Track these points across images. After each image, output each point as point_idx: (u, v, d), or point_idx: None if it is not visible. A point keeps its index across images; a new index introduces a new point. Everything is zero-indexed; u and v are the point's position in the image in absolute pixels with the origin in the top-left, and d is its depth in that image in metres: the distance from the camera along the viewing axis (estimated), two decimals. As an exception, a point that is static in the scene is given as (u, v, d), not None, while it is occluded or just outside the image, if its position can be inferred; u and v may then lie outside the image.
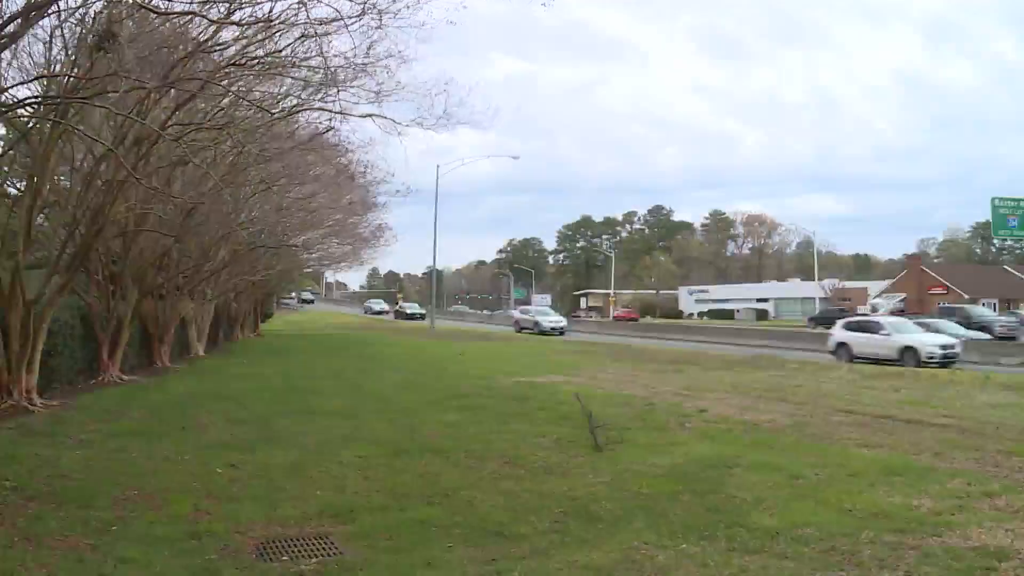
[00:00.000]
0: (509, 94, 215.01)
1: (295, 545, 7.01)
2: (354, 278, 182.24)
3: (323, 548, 6.96)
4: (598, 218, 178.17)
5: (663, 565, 6.47)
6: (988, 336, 37.97)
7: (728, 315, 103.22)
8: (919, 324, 33.38)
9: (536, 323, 56.18)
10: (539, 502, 8.46)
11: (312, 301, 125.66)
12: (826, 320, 59.19)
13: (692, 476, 9.57)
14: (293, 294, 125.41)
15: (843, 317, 38.15)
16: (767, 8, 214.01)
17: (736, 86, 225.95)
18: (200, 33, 13.94)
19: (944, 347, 28.56)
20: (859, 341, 30.16)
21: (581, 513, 8.01)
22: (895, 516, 7.73)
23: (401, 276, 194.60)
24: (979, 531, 7.26)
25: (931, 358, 27.45)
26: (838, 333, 31.52)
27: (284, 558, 6.69)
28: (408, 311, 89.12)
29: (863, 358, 28.99)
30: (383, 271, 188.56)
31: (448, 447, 11.47)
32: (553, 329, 54.55)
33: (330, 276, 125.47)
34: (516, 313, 64.16)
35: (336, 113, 15.93)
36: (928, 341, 29.03)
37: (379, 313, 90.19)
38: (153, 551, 6.66)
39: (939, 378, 21.38)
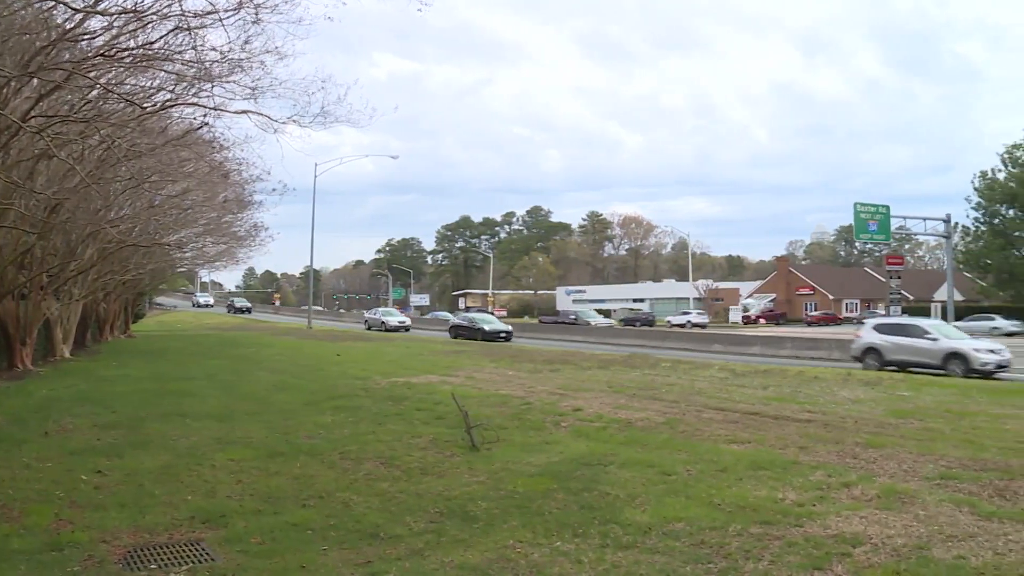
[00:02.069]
0: (395, 93, 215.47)
1: (164, 552, 6.85)
2: (230, 278, 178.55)
3: (194, 554, 6.81)
4: (477, 218, 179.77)
5: (537, 563, 6.57)
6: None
7: (605, 315, 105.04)
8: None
9: (968, 359, 24.75)
10: (415, 503, 8.47)
11: (249, 309, 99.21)
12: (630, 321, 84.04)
13: (567, 474, 9.73)
14: (202, 296, 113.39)
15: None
16: (651, 15, 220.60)
17: (619, 90, 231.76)
18: (66, 20, 13.40)
19: None
20: None
21: (457, 513, 8.06)
22: (761, 509, 8.06)
23: (279, 276, 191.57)
24: (837, 520, 7.66)
25: None
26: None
27: (152, 566, 6.52)
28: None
29: None
30: (260, 271, 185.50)
31: (323, 448, 11.38)
32: (994, 365, 24.94)
33: (205, 275, 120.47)
34: (871, 335, 28.64)
35: (211, 109, 15.55)
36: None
37: (397, 328, 58.76)
38: (8, 566, 6.40)
39: (805, 375, 22.27)
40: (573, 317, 73.20)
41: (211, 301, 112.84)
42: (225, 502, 8.48)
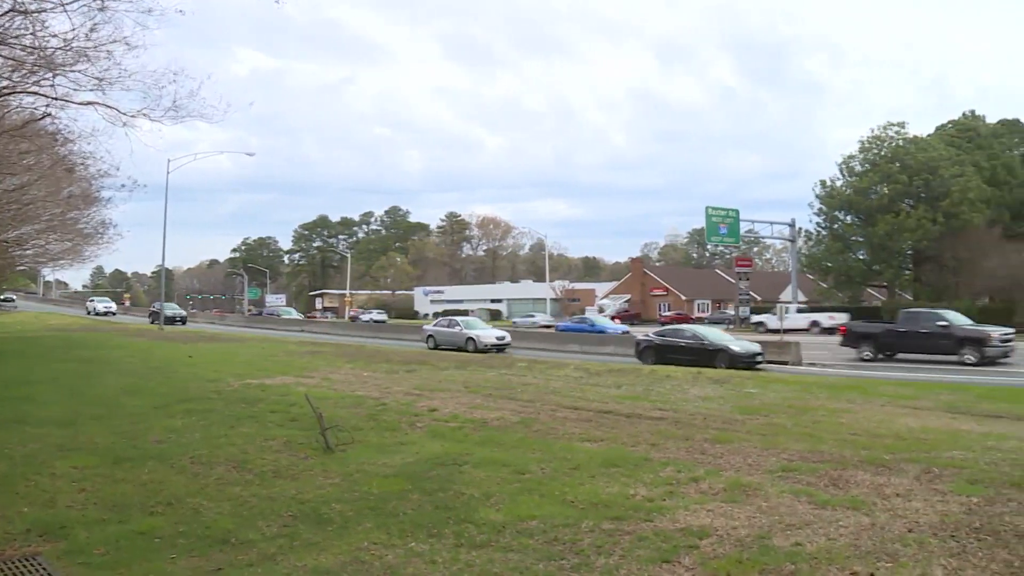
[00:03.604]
0: (256, 90, 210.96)
1: (-4, 569, 6.54)
2: (76, 276, 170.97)
3: (30, 570, 6.54)
4: (335, 218, 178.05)
5: (392, 564, 6.59)
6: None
7: (462, 316, 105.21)
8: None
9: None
10: (268, 507, 8.36)
11: (184, 319, 68.64)
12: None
13: (422, 475, 9.79)
14: (100, 302, 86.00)
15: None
16: (515, 18, 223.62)
17: (481, 91, 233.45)
18: None
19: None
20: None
21: (310, 516, 8.00)
22: (613, 505, 8.30)
23: (129, 275, 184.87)
24: (685, 513, 7.98)
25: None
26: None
27: (-18, 584, 6.23)
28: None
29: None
30: (109, 269, 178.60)
31: (173, 453, 11.08)
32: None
33: (49, 274, 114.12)
34: None
35: (53, 99, 14.87)
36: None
37: (489, 349, 37.21)
38: None
39: (657, 374, 22.94)
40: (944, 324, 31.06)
41: (113, 308, 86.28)
42: (66, 512, 8.16)
